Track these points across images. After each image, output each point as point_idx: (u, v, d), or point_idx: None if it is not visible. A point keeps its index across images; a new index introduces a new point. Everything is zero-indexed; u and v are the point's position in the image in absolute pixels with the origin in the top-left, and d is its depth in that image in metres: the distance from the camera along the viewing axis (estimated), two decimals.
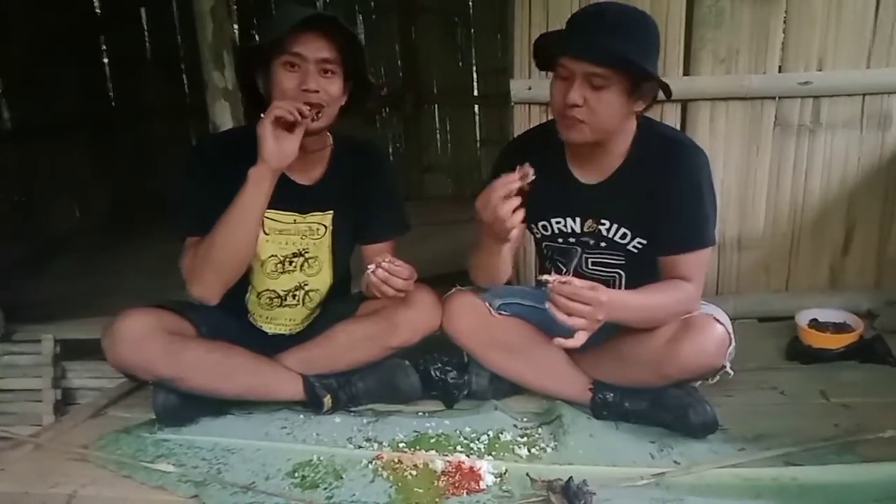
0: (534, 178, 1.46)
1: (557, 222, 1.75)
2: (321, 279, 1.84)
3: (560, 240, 1.77)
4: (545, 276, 1.46)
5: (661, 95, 1.58)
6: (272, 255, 1.77)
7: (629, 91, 1.51)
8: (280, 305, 1.83)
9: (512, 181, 1.46)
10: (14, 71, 4.32)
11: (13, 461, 1.67)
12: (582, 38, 1.52)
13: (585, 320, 1.42)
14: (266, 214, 1.71)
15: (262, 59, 1.63)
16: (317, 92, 1.59)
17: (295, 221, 1.77)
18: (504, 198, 1.46)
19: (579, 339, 1.44)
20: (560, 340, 1.45)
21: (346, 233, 1.84)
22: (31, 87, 4.28)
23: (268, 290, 1.81)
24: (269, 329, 1.87)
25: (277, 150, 1.55)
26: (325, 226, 1.81)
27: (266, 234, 1.75)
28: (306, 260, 1.81)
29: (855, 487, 1.40)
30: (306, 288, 1.83)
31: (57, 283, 3.27)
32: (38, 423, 2.55)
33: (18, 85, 4.33)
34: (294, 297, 1.83)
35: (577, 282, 1.45)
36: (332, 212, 1.80)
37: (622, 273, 1.74)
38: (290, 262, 1.79)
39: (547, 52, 1.59)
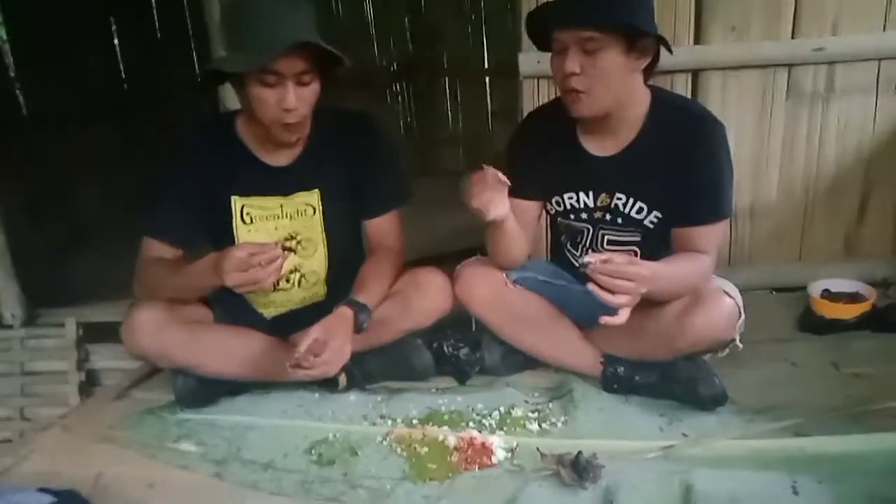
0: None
1: (570, 197, 1.74)
2: (316, 261, 1.81)
3: (573, 216, 1.77)
4: (585, 258, 1.40)
5: (675, 65, 1.54)
6: None
7: (625, 51, 1.50)
8: (274, 290, 1.80)
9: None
10: (28, 56, 4.34)
11: (43, 442, 1.74)
12: (564, 6, 1.51)
13: (629, 296, 1.41)
14: (248, 203, 1.72)
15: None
16: (296, 109, 1.56)
17: (282, 206, 1.75)
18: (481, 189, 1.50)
19: (624, 315, 1.42)
20: (607, 319, 1.42)
21: (338, 211, 1.79)
22: (47, 71, 4.29)
23: None
24: (268, 314, 1.86)
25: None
26: (312, 206, 1.77)
27: (246, 223, 1.73)
28: (299, 242, 1.78)
29: (863, 456, 1.41)
30: (301, 270, 1.81)
31: (81, 268, 3.32)
32: (64, 404, 2.62)
33: (34, 70, 4.35)
34: (288, 280, 1.81)
35: (617, 258, 1.41)
36: (317, 190, 1.77)
37: (637, 251, 1.73)
38: (283, 248, 1.74)
39: (541, 30, 1.59)
